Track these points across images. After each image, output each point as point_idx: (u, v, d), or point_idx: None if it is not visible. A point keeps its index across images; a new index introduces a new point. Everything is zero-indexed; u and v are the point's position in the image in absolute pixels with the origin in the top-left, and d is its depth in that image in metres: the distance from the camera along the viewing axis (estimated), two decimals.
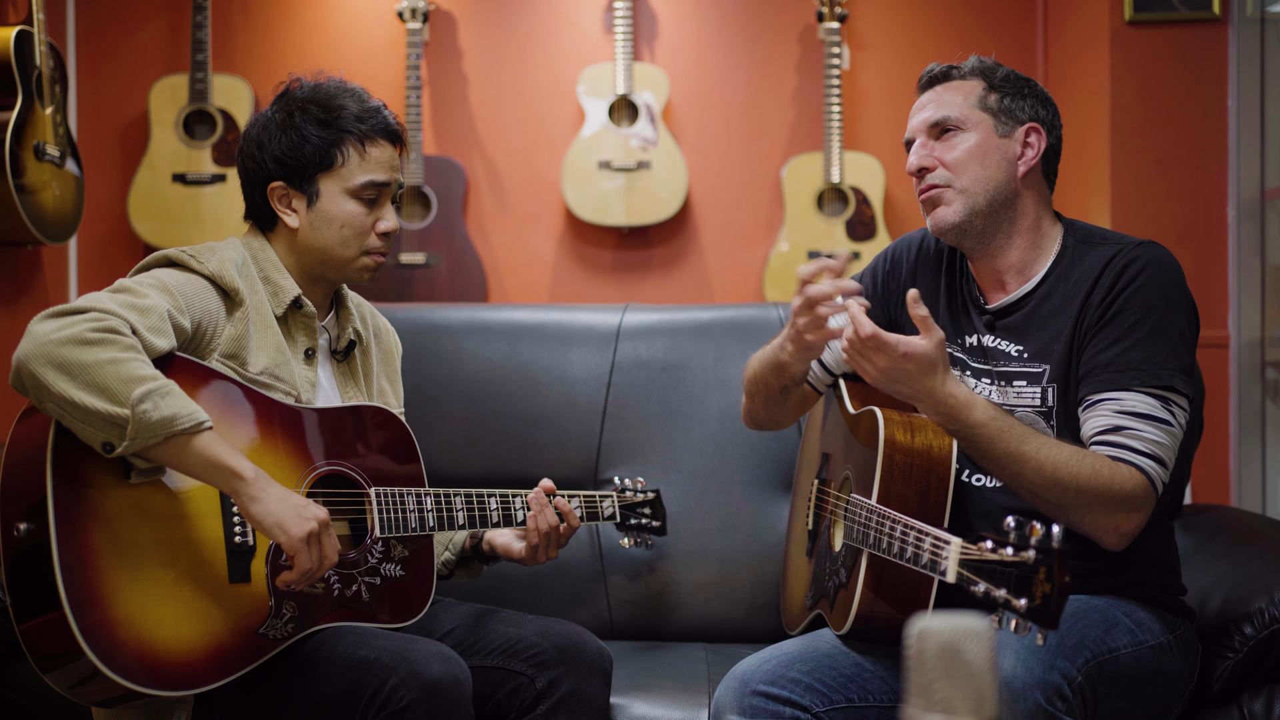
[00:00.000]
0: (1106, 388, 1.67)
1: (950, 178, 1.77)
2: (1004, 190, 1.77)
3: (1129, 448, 1.63)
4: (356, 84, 1.87)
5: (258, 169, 1.82)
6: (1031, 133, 1.78)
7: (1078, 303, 1.73)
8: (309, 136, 1.79)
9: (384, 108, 1.86)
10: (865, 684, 1.71)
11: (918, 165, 1.79)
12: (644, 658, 2.18)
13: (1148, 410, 1.64)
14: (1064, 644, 1.59)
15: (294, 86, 1.85)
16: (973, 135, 1.77)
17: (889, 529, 1.61)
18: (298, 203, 1.81)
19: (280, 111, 1.82)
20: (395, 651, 1.65)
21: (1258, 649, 1.78)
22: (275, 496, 1.59)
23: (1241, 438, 3.08)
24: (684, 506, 2.37)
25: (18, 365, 1.53)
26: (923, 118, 1.80)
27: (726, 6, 3.76)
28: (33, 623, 1.54)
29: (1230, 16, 3.12)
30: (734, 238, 3.74)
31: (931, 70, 1.83)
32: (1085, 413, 1.69)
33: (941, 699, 0.82)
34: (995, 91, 1.79)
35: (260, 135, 1.82)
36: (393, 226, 1.84)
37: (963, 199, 1.76)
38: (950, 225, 1.77)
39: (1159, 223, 3.15)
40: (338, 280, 1.87)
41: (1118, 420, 1.65)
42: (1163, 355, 1.66)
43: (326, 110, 1.80)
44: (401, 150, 1.87)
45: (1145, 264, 1.71)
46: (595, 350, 2.49)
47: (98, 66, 3.65)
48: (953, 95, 1.79)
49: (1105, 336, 1.69)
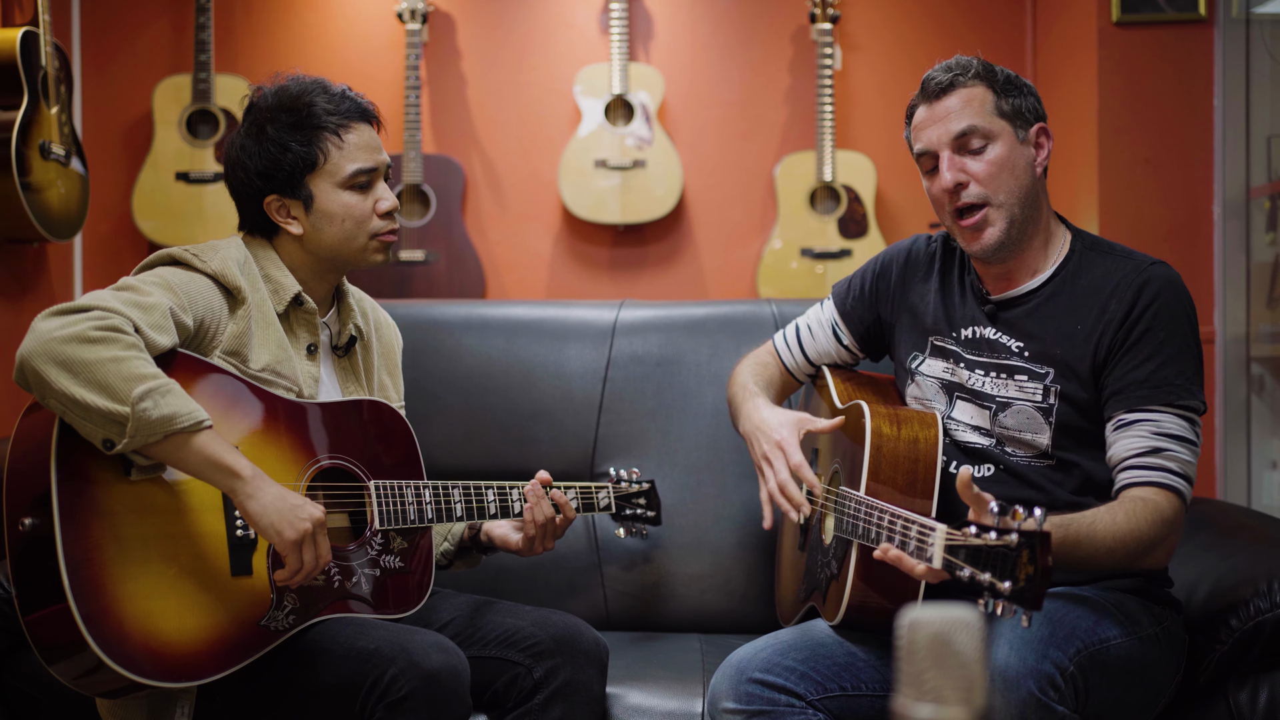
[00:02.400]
0: (1144, 404, 1.69)
1: (986, 194, 1.74)
2: (1031, 196, 1.77)
3: (1168, 470, 1.67)
4: (315, 76, 1.85)
5: (247, 188, 1.81)
6: (1041, 133, 1.78)
7: (1090, 314, 1.74)
8: (286, 144, 1.78)
9: (349, 91, 1.83)
10: (858, 673, 1.73)
11: (953, 182, 1.74)
12: (640, 648, 2.19)
13: (1180, 432, 1.69)
14: (1056, 634, 1.60)
15: (257, 98, 1.83)
16: (1000, 145, 1.74)
17: (877, 519, 1.62)
18: (296, 210, 1.81)
19: (252, 126, 1.80)
20: (394, 642, 1.66)
21: (1244, 640, 1.80)
22: (272, 496, 1.59)
23: (1227, 432, 3.10)
24: (679, 499, 2.38)
25: (21, 362, 1.54)
26: (945, 129, 1.75)
27: (721, 8, 3.78)
28: (38, 614, 1.56)
29: (1216, 18, 3.13)
30: (728, 235, 3.77)
31: (939, 79, 1.77)
32: (1119, 432, 1.71)
33: (932, 689, 0.82)
34: (1003, 95, 1.76)
35: (240, 156, 1.81)
36: (392, 204, 1.83)
37: (1002, 216, 1.75)
38: (994, 244, 1.75)
39: (1146, 221, 3.16)
40: (355, 267, 1.87)
41: (1156, 442, 1.68)
42: (1191, 371, 1.71)
43: (294, 113, 1.78)
44: (378, 127, 1.86)
45: (1164, 283, 1.73)
46: (591, 346, 2.50)
47: (102, 67, 3.67)
48: (969, 103, 1.75)
49: (1136, 355, 1.70)
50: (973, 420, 1.82)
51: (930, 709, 0.82)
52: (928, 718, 0.82)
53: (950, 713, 0.82)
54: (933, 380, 1.87)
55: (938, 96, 1.77)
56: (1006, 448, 1.79)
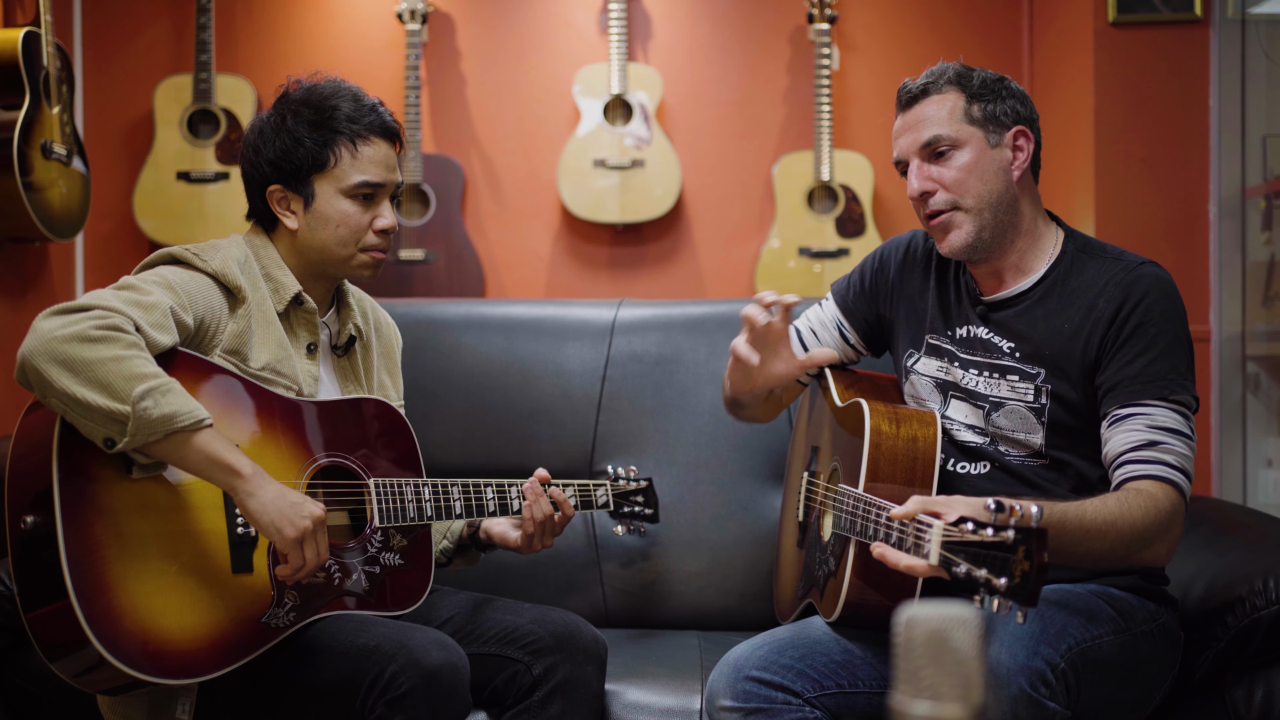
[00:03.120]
0: (1137, 398, 1.69)
1: (953, 199, 1.76)
2: (1005, 199, 1.77)
3: (1164, 463, 1.66)
4: (353, 84, 1.86)
5: (256, 173, 1.82)
6: (1020, 136, 1.78)
7: (1079, 314, 1.75)
8: (301, 139, 1.79)
9: (379, 105, 1.84)
10: (855, 670, 1.73)
11: (919, 190, 1.78)
12: (638, 645, 2.20)
13: (1175, 425, 1.68)
14: (1048, 631, 1.61)
15: (291, 88, 1.84)
16: (966, 151, 1.76)
17: (874, 515, 1.62)
18: (295, 205, 1.81)
19: (275, 115, 1.82)
20: (394, 639, 1.66)
21: (1239, 637, 1.80)
22: (272, 494, 1.60)
23: (1223, 430, 3.10)
24: (677, 497, 2.38)
25: (22, 361, 1.55)
26: (912, 139, 1.79)
27: (719, 8, 3.79)
28: (39, 611, 1.56)
29: (1211, 18, 3.14)
30: (726, 234, 3.77)
31: (909, 89, 1.80)
32: (1113, 427, 1.70)
33: (929, 686, 0.82)
34: (976, 101, 1.77)
35: (257, 140, 1.82)
36: (390, 224, 1.83)
37: (970, 219, 1.76)
38: (962, 247, 1.78)
39: (1142, 220, 3.17)
40: (339, 277, 1.87)
41: (1151, 435, 1.67)
42: (1183, 366, 1.71)
43: (318, 111, 1.79)
44: (399, 148, 1.86)
45: (1154, 281, 1.73)
46: (590, 344, 2.50)
47: (104, 67, 3.67)
48: (937, 111, 1.77)
49: (1128, 351, 1.71)
50: (968, 419, 1.83)
51: (927, 706, 0.82)
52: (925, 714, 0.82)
53: (947, 709, 0.82)
54: (927, 379, 1.88)
55: (908, 105, 1.80)
56: (1001, 447, 1.80)
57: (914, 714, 0.82)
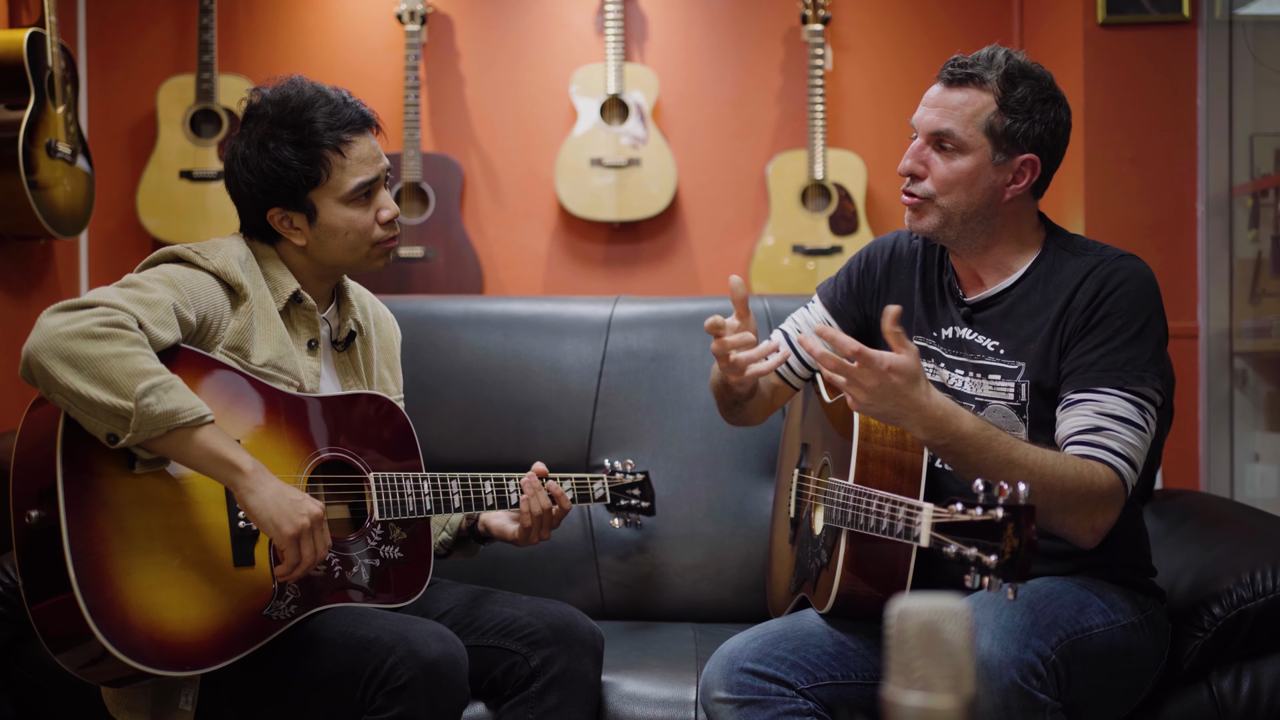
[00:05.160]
0: (1090, 385, 1.67)
1: (933, 193, 1.75)
2: (983, 212, 1.76)
3: (1106, 448, 1.64)
4: (313, 81, 1.82)
5: (249, 198, 1.80)
6: (1026, 164, 1.74)
7: (1057, 307, 1.74)
8: (288, 162, 1.76)
9: (349, 98, 1.81)
10: (848, 662, 1.75)
11: (909, 170, 1.77)
12: (634, 637, 2.21)
13: (1125, 414, 1.66)
14: (1038, 623, 1.62)
15: (257, 102, 1.81)
16: (968, 159, 1.73)
17: (865, 504, 1.63)
18: (299, 221, 1.81)
19: (252, 138, 1.79)
20: (394, 631, 1.67)
21: (1226, 629, 1.82)
22: (272, 491, 1.61)
23: (1210, 425, 3.12)
24: (673, 491, 2.40)
25: (27, 357, 1.56)
26: (929, 119, 1.75)
27: (714, 9, 3.81)
28: (44, 604, 1.58)
29: (1200, 19, 3.15)
30: (721, 232, 3.79)
31: (955, 69, 1.75)
32: (1064, 412, 1.69)
33: (921, 677, 0.82)
34: (1006, 113, 1.72)
35: (239, 167, 1.79)
36: (393, 212, 1.83)
37: (939, 216, 1.76)
38: (924, 231, 1.79)
39: (1131, 218, 3.19)
40: (357, 273, 1.89)
41: (1097, 421, 1.66)
42: (1145, 359, 1.68)
43: (296, 130, 1.77)
44: (377, 131, 1.84)
45: (1129, 274, 1.72)
46: (587, 340, 2.52)
47: (107, 67, 3.68)
48: (963, 106, 1.73)
49: (1091, 339, 1.70)
50: None
51: (919, 697, 0.82)
52: (917, 705, 0.82)
53: (939, 700, 0.82)
54: None
55: (948, 85, 1.76)
56: None
57: (906, 705, 0.83)
